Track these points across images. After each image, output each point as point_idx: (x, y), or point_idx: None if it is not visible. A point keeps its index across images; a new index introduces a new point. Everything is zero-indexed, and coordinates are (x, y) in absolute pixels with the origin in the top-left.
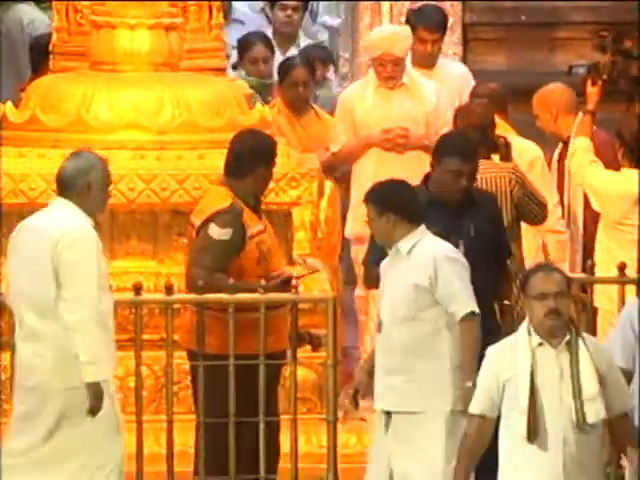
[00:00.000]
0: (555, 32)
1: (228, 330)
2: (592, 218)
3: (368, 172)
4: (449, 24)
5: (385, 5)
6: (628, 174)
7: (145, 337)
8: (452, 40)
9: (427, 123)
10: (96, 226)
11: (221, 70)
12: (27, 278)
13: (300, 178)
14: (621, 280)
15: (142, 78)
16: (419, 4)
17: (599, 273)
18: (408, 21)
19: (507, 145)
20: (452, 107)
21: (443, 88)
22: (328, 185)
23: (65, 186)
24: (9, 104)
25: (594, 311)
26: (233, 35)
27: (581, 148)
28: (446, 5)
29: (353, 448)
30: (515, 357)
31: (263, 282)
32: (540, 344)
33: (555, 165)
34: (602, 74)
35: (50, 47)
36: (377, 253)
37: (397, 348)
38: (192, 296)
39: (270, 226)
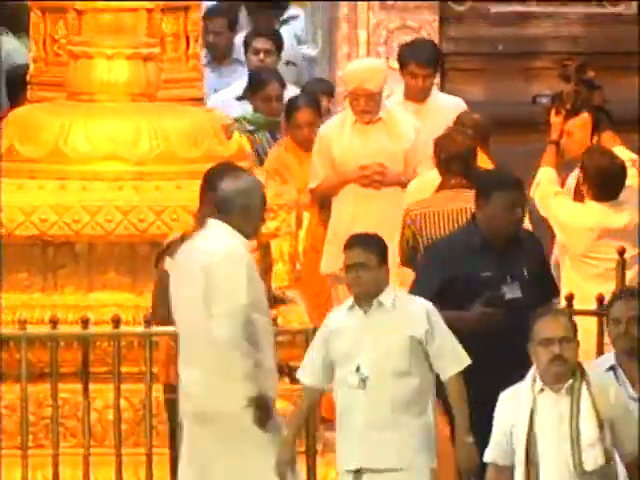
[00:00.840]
0: (532, 62)
1: None
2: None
3: (347, 208)
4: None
5: (362, 35)
6: (592, 207)
7: (124, 370)
8: None
9: (405, 159)
10: (253, 250)
11: (198, 100)
12: (183, 301)
13: (278, 209)
14: (599, 312)
15: (120, 108)
16: (410, 39)
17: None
18: (400, 55)
19: None
20: None
21: (426, 124)
22: (306, 216)
23: (224, 207)
24: None
25: None
26: (233, 75)
27: (545, 179)
28: (422, 34)
29: None
30: (519, 404)
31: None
32: (542, 390)
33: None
34: (565, 103)
35: (27, 77)
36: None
37: (385, 404)
38: (171, 329)
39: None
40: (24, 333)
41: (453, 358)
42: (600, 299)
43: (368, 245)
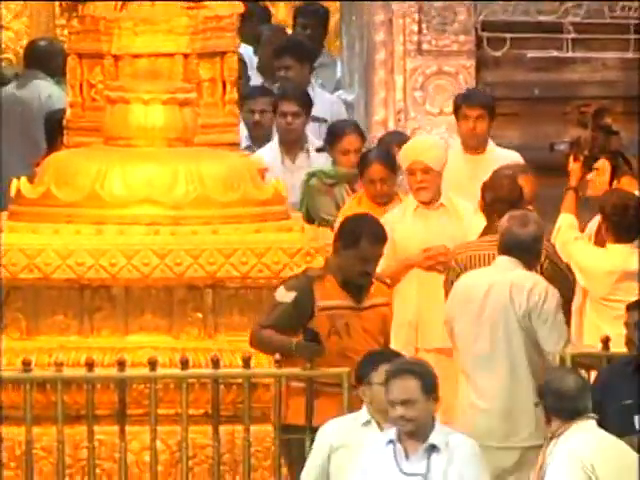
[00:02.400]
0: (568, 106)
1: (309, 403)
2: None
3: (411, 293)
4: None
5: (399, 80)
6: (613, 250)
7: (160, 412)
8: None
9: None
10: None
11: (235, 145)
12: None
13: (315, 252)
14: (605, 354)
15: (156, 153)
16: (446, 83)
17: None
18: (454, 103)
19: None
20: None
21: (483, 177)
22: None
23: (524, 250)
24: (23, 179)
25: None
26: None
27: (566, 225)
28: (459, 79)
29: None
30: None
31: (295, 340)
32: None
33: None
34: (584, 149)
35: (64, 122)
36: None
37: None
38: (209, 371)
39: (374, 311)
40: (60, 375)
41: None
42: (605, 341)
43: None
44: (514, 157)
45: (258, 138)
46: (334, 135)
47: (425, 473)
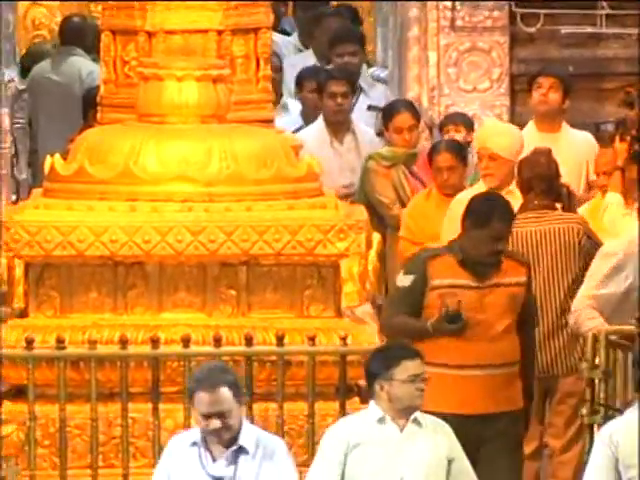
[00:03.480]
0: (603, 83)
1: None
2: None
3: None
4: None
5: (432, 56)
6: None
7: None
8: (499, 91)
9: None
10: None
11: (268, 121)
12: None
13: (348, 229)
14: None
15: (190, 130)
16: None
17: None
18: (530, 79)
19: (570, 194)
20: (578, 178)
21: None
22: (376, 237)
23: None
24: (57, 156)
25: None
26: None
27: (614, 203)
28: (493, 55)
29: None
30: None
31: (429, 322)
32: None
33: None
34: (630, 129)
35: (98, 99)
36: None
37: None
38: (242, 348)
39: (498, 290)
40: (94, 353)
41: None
42: None
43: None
44: (588, 137)
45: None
46: (387, 114)
47: (232, 476)
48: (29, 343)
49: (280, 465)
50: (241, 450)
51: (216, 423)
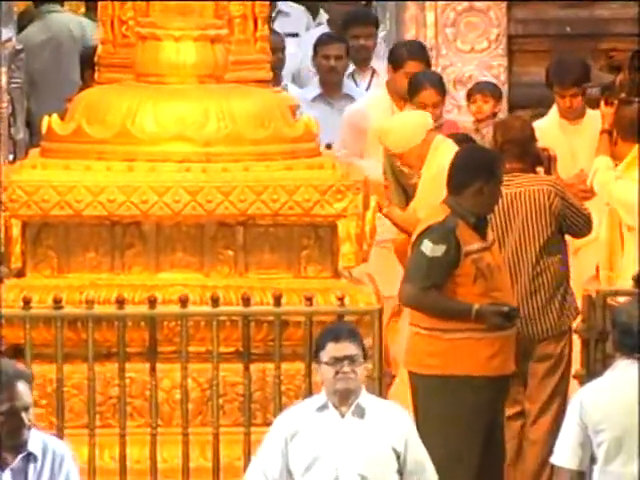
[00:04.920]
0: (600, 43)
1: (451, 352)
2: None
3: None
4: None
5: (430, 17)
6: None
7: (191, 349)
8: (497, 52)
9: None
10: None
11: (266, 82)
12: None
13: (346, 190)
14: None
15: (187, 90)
16: (477, 21)
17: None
18: (545, 77)
19: (551, 158)
20: None
21: (583, 143)
22: (374, 198)
23: None
24: (55, 116)
25: None
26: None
27: (603, 166)
28: (490, 16)
29: None
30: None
31: (476, 306)
32: None
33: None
34: (618, 93)
35: (95, 59)
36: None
37: None
38: (239, 308)
39: (496, 246)
40: (91, 313)
41: (432, 474)
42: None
43: (353, 336)
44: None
45: (331, 85)
46: (413, 88)
47: None
48: (26, 303)
49: (70, 474)
50: (29, 457)
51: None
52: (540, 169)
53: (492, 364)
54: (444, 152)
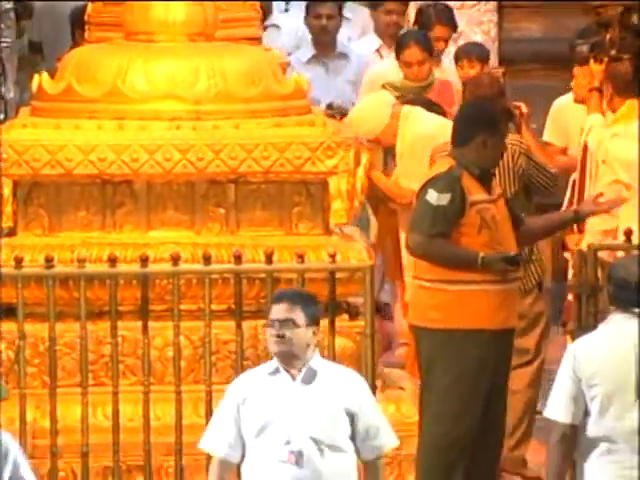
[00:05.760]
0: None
1: (457, 304)
2: None
3: None
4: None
5: None
6: None
7: (183, 307)
8: (487, 7)
9: None
10: None
11: (256, 39)
12: None
13: (336, 147)
14: (629, 247)
15: (178, 48)
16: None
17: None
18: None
19: (522, 115)
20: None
21: None
22: (364, 155)
23: None
24: (45, 75)
25: None
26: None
27: (597, 124)
28: None
29: (391, 417)
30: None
31: (482, 254)
32: None
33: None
34: (608, 50)
35: (85, 18)
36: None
37: None
38: (230, 266)
39: (502, 200)
40: (83, 271)
41: (388, 437)
42: (628, 233)
43: (296, 302)
44: None
45: (324, 45)
46: (398, 47)
47: None
48: (18, 262)
49: (18, 463)
50: None
51: None
52: (511, 125)
53: (497, 318)
54: (415, 120)
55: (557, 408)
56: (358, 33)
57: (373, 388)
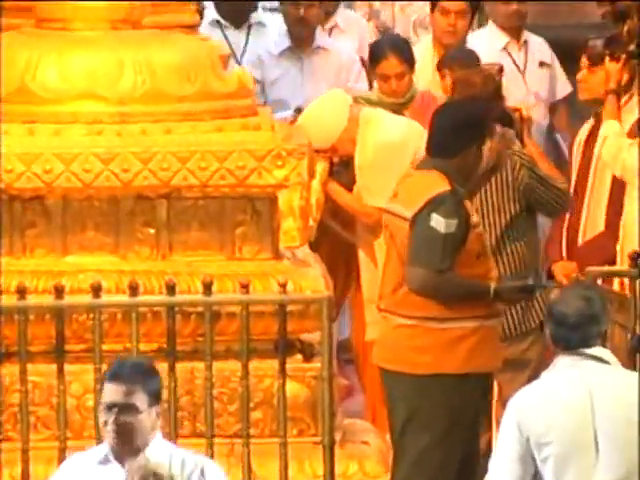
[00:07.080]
0: None
1: (447, 345)
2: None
3: None
4: None
5: None
6: None
7: (105, 347)
8: None
9: None
10: None
11: (192, 27)
12: None
13: (287, 155)
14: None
15: (98, 38)
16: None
17: None
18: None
19: (523, 120)
20: None
21: None
22: (320, 164)
23: None
24: None
25: None
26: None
27: (613, 133)
28: None
29: (354, 477)
30: None
31: (493, 285)
32: None
33: (581, 147)
34: (626, 45)
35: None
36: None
37: None
38: (161, 297)
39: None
40: None
41: None
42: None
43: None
44: None
45: (300, 38)
46: (373, 57)
47: None
48: None
49: None
50: None
51: None
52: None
53: (481, 359)
54: (377, 124)
55: (499, 474)
56: (355, 47)
57: (331, 442)
